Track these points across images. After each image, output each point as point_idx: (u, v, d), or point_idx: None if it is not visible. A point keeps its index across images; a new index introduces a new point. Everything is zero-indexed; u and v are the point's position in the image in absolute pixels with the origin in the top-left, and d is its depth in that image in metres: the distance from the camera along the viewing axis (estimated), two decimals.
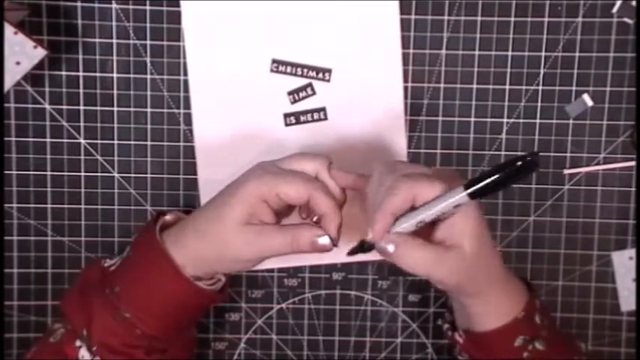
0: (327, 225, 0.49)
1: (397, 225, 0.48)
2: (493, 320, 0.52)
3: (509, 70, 0.60)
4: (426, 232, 0.49)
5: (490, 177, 0.46)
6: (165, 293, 0.51)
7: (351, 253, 0.50)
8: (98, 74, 0.60)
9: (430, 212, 0.47)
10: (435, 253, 0.48)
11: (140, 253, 0.53)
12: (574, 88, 0.60)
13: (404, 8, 0.59)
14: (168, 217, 0.55)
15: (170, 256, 0.51)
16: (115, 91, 0.60)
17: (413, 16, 0.59)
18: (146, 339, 0.52)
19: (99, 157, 0.61)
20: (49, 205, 0.62)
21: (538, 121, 0.61)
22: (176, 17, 0.59)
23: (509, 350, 0.52)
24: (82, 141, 0.61)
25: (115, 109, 0.60)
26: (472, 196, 0.46)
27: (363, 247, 0.49)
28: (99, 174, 0.61)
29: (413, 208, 0.48)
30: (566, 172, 0.61)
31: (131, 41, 0.60)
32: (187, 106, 0.60)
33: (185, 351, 0.56)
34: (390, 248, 0.48)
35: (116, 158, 0.61)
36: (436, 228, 0.49)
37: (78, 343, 0.52)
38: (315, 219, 0.52)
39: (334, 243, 0.50)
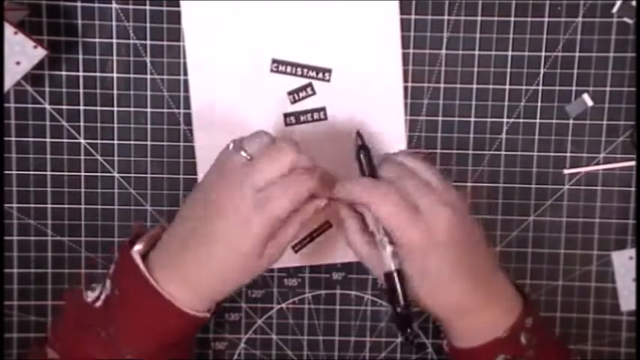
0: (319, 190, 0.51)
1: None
2: (471, 339, 0.52)
3: (509, 70, 0.60)
4: None
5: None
6: (161, 328, 0.51)
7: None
8: (98, 74, 0.60)
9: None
10: (409, 211, 0.49)
11: (127, 289, 0.51)
12: (574, 88, 0.60)
13: (404, 8, 0.59)
14: (141, 247, 0.53)
15: (159, 292, 0.50)
16: (115, 91, 0.60)
17: (413, 16, 0.59)
18: None
19: (99, 157, 0.61)
20: (49, 205, 0.62)
21: (538, 121, 0.61)
22: (176, 17, 0.59)
23: None
24: (82, 141, 0.61)
25: (115, 109, 0.60)
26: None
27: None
28: (99, 174, 0.61)
29: None
30: (566, 171, 0.61)
31: (131, 41, 0.60)
32: (187, 106, 0.60)
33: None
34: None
35: (116, 158, 0.61)
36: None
37: None
38: None
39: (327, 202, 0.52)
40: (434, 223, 0.49)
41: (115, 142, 0.61)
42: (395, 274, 0.50)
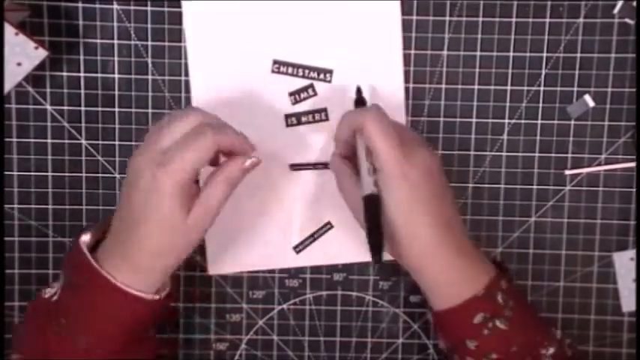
0: (242, 149, 0.51)
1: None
2: (448, 299, 0.52)
3: (510, 70, 0.60)
4: None
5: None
6: (110, 314, 0.51)
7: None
8: (99, 75, 0.60)
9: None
10: (396, 138, 0.51)
11: (75, 278, 0.52)
12: (575, 88, 0.60)
13: (405, 9, 0.59)
14: (88, 237, 0.53)
15: (102, 274, 0.50)
16: (116, 92, 0.60)
17: (414, 17, 0.59)
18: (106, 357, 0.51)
19: (100, 158, 0.61)
20: (50, 206, 0.62)
21: (539, 121, 0.61)
22: (177, 18, 0.59)
23: (468, 327, 0.52)
24: (83, 142, 0.61)
25: (117, 109, 0.60)
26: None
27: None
28: (100, 175, 0.61)
29: None
30: (568, 172, 0.61)
31: (132, 42, 0.60)
32: None
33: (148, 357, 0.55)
34: None
35: (117, 159, 0.61)
36: None
37: None
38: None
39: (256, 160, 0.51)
40: (416, 156, 0.51)
41: (117, 142, 0.61)
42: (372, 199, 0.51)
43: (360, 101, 0.56)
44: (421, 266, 0.53)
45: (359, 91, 0.57)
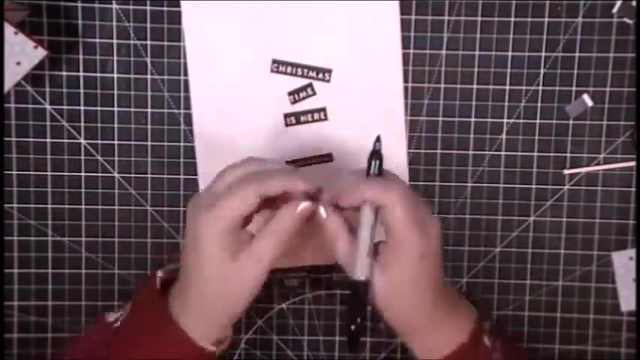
0: (295, 189, 0.49)
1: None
2: (439, 350, 0.51)
3: (509, 70, 0.60)
4: None
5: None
6: (167, 355, 0.51)
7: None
8: (98, 74, 0.60)
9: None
10: (419, 216, 0.48)
11: (141, 310, 0.52)
12: (574, 88, 0.60)
13: (404, 8, 0.59)
14: (162, 274, 0.54)
15: (175, 322, 0.50)
16: (116, 92, 0.60)
17: (413, 17, 0.59)
18: None
19: (99, 158, 0.61)
20: (49, 206, 0.62)
21: (538, 121, 0.61)
22: (176, 17, 0.59)
23: None
24: (83, 141, 0.61)
25: (116, 109, 0.61)
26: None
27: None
28: (99, 174, 0.61)
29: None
30: (567, 172, 0.61)
31: (131, 41, 0.60)
32: (187, 106, 0.60)
33: None
34: (323, 213, 0.49)
35: (116, 158, 0.61)
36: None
37: None
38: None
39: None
40: (431, 232, 0.49)
41: (116, 142, 0.61)
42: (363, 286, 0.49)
43: (376, 152, 0.50)
44: (411, 330, 0.52)
45: (379, 142, 0.50)
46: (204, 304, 0.50)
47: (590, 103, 0.60)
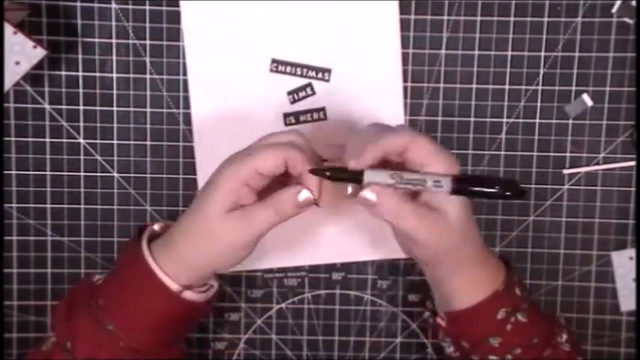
0: (306, 181, 0.49)
1: (375, 176, 0.47)
2: (473, 295, 0.51)
3: (508, 70, 0.60)
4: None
5: (482, 187, 0.47)
6: (147, 305, 0.51)
7: (315, 172, 0.48)
8: (98, 74, 0.60)
9: (411, 177, 0.47)
10: (419, 209, 0.48)
11: (124, 265, 0.52)
12: (574, 87, 0.60)
13: (403, 8, 0.59)
14: (156, 227, 0.54)
15: (152, 268, 0.50)
16: (115, 91, 0.60)
17: (412, 16, 0.59)
18: (130, 352, 0.51)
19: (98, 157, 0.61)
20: (48, 205, 0.62)
21: (538, 120, 0.61)
22: (176, 17, 0.59)
23: (492, 324, 0.51)
24: (82, 141, 0.61)
25: (115, 108, 0.61)
26: (454, 192, 0.47)
27: (340, 174, 0.48)
28: (98, 174, 0.61)
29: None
30: (566, 172, 0.61)
31: (130, 41, 0.60)
32: (187, 106, 0.60)
33: None
34: (372, 197, 0.47)
35: (115, 158, 0.61)
36: (419, 194, 0.49)
37: (66, 355, 0.51)
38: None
39: (315, 200, 0.49)
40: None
41: (115, 142, 0.61)
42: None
43: None
44: (448, 274, 0.52)
45: None
46: (189, 254, 0.50)
47: (589, 102, 0.60)
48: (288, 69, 0.60)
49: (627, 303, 0.63)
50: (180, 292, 0.51)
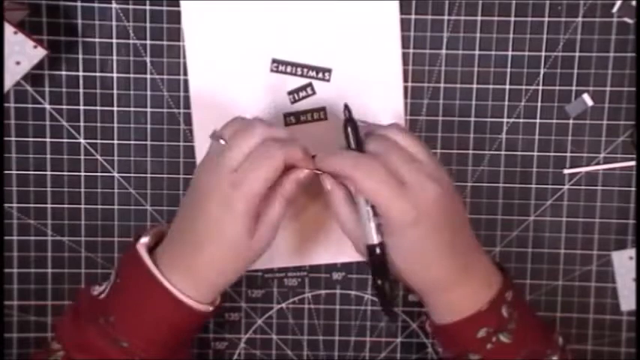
0: (301, 163, 0.51)
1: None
2: (455, 314, 0.52)
3: (509, 69, 0.60)
4: None
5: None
6: (162, 321, 0.51)
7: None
8: (98, 74, 0.60)
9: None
10: (395, 186, 0.48)
11: (130, 280, 0.52)
12: (574, 87, 0.60)
13: (404, 8, 0.59)
14: (147, 239, 0.53)
15: (159, 279, 0.50)
16: (115, 91, 0.60)
17: (413, 16, 0.59)
18: None
19: (99, 157, 0.61)
20: (48, 205, 0.62)
21: (538, 120, 0.61)
22: (176, 17, 0.59)
23: (472, 341, 0.51)
24: (82, 141, 0.61)
25: (115, 108, 0.60)
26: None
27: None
28: (99, 174, 0.61)
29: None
30: (566, 171, 0.61)
31: (131, 41, 0.60)
32: (187, 105, 0.60)
33: None
34: (327, 185, 0.51)
35: (116, 158, 0.61)
36: None
37: None
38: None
39: (309, 167, 0.51)
40: (421, 197, 0.48)
41: (115, 141, 0.61)
42: (377, 248, 0.50)
43: (349, 120, 0.52)
44: (428, 295, 0.52)
45: (348, 110, 0.52)
46: (209, 273, 0.51)
47: (590, 102, 0.60)
48: (289, 69, 0.60)
49: (627, 303, 0.63)
50: (194, 303, 0.51)
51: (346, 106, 0.52)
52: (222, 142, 0.51)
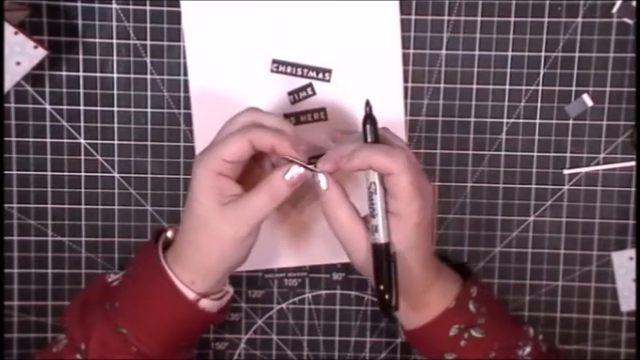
0: (283, 151, 0.49)
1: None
2: (422, 317, 0.53)
3: (509, 70, 0.60)
4: None
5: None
6: (163, 312, 0.51)
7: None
8: (98, 74, 0.60)
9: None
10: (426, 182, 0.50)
11: (141, 271, 0.53)
12: (574, 88, 0.60)
13: (404, 8, 0.59)
14: (169, 234, 0.55)
15: (170, 276, 0.51)
16: (115, 92, 0.60)
17: (413, 17, 0.59)
18: (141, 357, 0.51)
19: (99, 158, 0.61)
20: (49, 205, 0.62)
21: (538, 121, 0.61)
22: (176, 17, 0.59)
23: (445, 341, 0.52)
24: (83, 141, 0.61)
25: (115, 109, 0.61)
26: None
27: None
28: (99, 174, 0.61)
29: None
30: (566, 172, 0.61)
31: (131, 41, 0.60)
32: (187, 106, 0.60)
33: None
34: (323, 184, 0.50)
35: (116, 158, 0.61)
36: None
37: (78, 356, 0.52)
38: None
39: (301, 164, 0.49)
40: (428, 199, 0.50)
41: (115, 142, 0.61)
42: (386, 246, 0.50)
43: (369, 117, 0.51)
44: (417, 291, 0.52)
45: (369, 106, 0.51)
46: (198, 260, 0.51)
47: (590, 103, 0.60)
48: (289, 69, 0.60)
49: (627, 303, 0.63)
50: (197, 300, 0.51)
51: (367, 103, 0.51)
52: None
